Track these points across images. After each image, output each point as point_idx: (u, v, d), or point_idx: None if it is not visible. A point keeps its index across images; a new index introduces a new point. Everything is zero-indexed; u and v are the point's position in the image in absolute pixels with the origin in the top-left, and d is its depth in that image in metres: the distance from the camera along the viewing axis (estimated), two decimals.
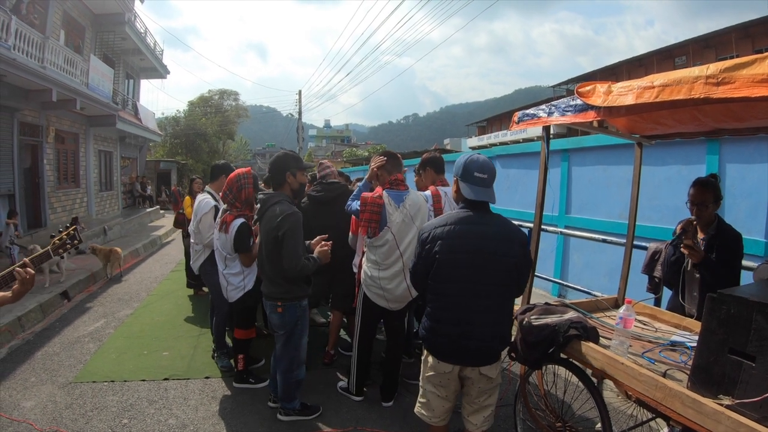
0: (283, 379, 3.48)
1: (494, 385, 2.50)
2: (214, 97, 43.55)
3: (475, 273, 2.34)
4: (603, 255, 6.18)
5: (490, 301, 2.36)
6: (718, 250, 2.88)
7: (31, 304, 6.22)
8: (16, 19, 8.98)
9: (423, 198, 3.72)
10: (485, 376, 2.42)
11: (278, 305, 3.32)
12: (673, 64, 27.31)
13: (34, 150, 11.76)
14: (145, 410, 3.75)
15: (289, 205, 3.25)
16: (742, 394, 1.70)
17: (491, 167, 2.45)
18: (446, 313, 2.40)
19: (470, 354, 2.38)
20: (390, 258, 3.49)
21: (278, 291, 3.32)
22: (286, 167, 3.37)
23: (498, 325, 2.41)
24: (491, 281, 2.35)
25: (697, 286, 2.98)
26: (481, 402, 2.49)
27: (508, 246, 2.36)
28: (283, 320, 3.35)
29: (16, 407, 3.77)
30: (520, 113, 3.03)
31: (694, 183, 3.05)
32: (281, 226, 3.14)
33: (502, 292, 2.39)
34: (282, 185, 3.40)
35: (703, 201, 2.97)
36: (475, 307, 2.35)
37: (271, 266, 3.30)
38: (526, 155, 8.31)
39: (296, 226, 3.19)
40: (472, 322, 2.35)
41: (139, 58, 19.13)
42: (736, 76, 1.70)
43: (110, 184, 17.87)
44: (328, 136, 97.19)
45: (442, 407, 2.53)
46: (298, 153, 33.96)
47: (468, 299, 2.35)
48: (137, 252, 11.44)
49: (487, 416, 2.52)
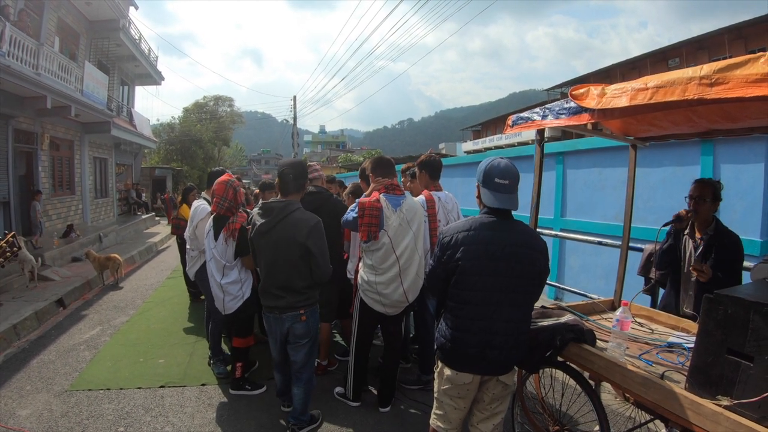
0: (305, 390, 3.40)
1: (508, 392, 2.46)
2: (209, 103, 43.61)
3: (499, 281, 2.27)
4: (599, 257, 6.19)
5: (514, 309, 2.30)
6: (716, 251, 2.92)
7: (26, 311, 6.19)
8: (11, 26, 8.95)
9: (419, 203, 3.72)
10: (502, 382, 2.39)
11: (301, 314, 3.24)
12: (666, 66, 27.48)
13: (29, 157, 11.69)
14: (141, 418, 3.73)
15: (310, 214, 3.25)
16: (741, 394, 1.70)
17: (514, 172, 2.34)
18: (470, 323, 2.31)
19: (492, 364, 2.32)
20: (386, 262, 3.48)
21: (299, 300, 3.23)
22: (305, 175, 3.40)
23: (521, 334, 2.36)
24: (515, 290, 2.29)
25: (693, 285, 3.00)
26: (493, 408, 2.44)
27: (532, 254, 2.31)
28: (308, 327, 3.29)
29: (11, 415, 3.74)
30: (515, 117, 3.03)
31: (695, 180, 3.12)
32: (312, 235, 3.13)
33: (525, 300, 2.36)
34: (298, 192, 3.35)
35: (701, 195, 3.02)
36: (498, 316, 2.28)
37: (297, 275, 3.21)
38: (521, 159, 8.30)
39: (323, 234, 3.22)
40: (496, 331, 2.28)
41: (133, 64, 19.11)
42: (730, 76, 1.71)
43: (105, 191, 17.80)
44: (324, 141, 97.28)
45: (459, 418, 2.49)
46: (293, 158, 34.02)
47: (492, 308, 2.28)
48: (133, 259, 11.40)
49: (497, 424, 2.47)
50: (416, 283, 3.58)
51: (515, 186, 2.35)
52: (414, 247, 3.53)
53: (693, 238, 3.13)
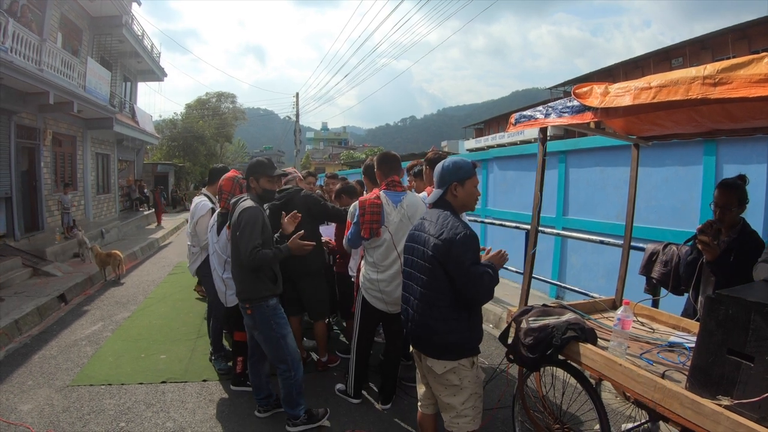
0: (283, 381, 3.41)
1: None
2: (212, 99, 43.57)
3: (415, 262, 2.59)
4: (600, 256, 6.18)
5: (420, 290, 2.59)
6: (737, 254, 2.78)
7: (28, 307, 6.21)
8: (14, 22, 8.96)
9: (421, 199, 3.72)
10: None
11: (246, 307, 3.33)
12: (669, 65, 27.37)
13: (31, 153, 11.72)
14: (142, 413, 3.74)
15: (249, 202, 3.31)
16: (741, 394, 1.70)
17: (442, 167, 2.61)
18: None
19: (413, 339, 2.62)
20: (388, 259, 3.48)
21: (245, 290, 3.33)
22: (250, 172, 3.44)
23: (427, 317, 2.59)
24: (420, 271, 2.57)
25: (712, 288, 2.90)
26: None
27: (429, 240, 2.54)
28: (254, 321, 3.35)
29: (13, 411, 3.76)
30: (517, 115, 3.02)
31: (718, 185, 2.97)
32: (239, 219, 3.21)
33: (423, 284, 2.59)
34: (249, 189, 3.48)
35: (727, 203, 2.87)
36: (411, 292, 2.60)
37: (234, 262, 3.38)
38: (523, 157, 8.32)
39: (252, 218, 3.20)
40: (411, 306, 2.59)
41: (136, 60, 19.14)
42: (734, 76, 1.70)
43: (107, 187, 17.85)
44: (326, 138, 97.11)
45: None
46: (296, 155, 33.56)
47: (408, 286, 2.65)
48: (135, 255, 11.42)
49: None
50: None
51: (436, 181, 2.62)
52: None
53: (717, 239, 3.01)
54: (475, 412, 2.52)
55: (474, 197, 2.63)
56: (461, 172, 2.55)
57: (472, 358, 2.50)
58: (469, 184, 2.56)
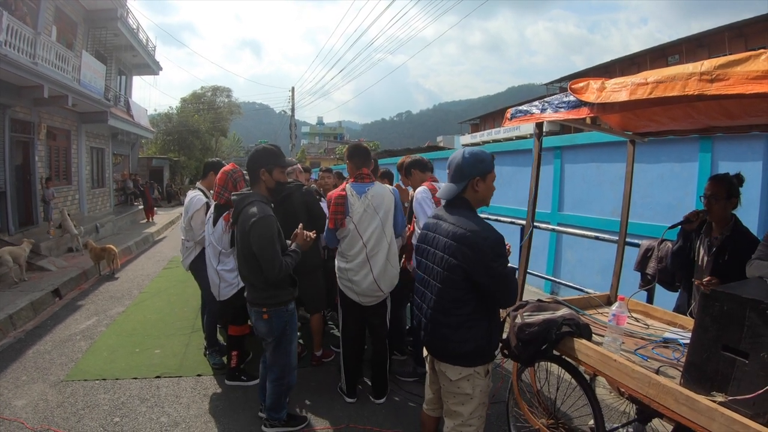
0: (273, 387, 3.29)
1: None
2: (207, 93, 43.38)
3: (429, 267, 2.48)
4: (596, 252, 6.19)
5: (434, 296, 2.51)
6: (731, 252, 2.81)
7: (22, 302, 6.18)
8: (8, 15, 8.88)
9: (389, 190, 3.74)
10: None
11: (263, 312, 3.10)
12: (666, 62, 27.40)
13: (26, 147, 11.63)
14: (136, 408, 3.73)
15: (262, 207, 3.00)
16: (735, 390, 1.70)
17: (454, 161, 2.44)
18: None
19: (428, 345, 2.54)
20: (354, 248, 3.57)
21: (262, 296, 3.10)
22: (260, 163, 3.12)
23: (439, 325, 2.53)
24: (435, 277, 2.49)
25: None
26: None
27: (454, 246, 2.41)
28: (270, 327, 3.14)
29: (7, 406, 3.74)
30: (513, 110, 3.02)
31: (709, 178, 3.02)
32: (252, 233, 2.93)
33: (438, 291, 2.52)
34: (256, 183, 3.16)
35: (714, 193, 2.90)
36: (423, 299, 2.50)
37: (250, 270, 3.09)
38: (519, 152, 8.31)
39: (268, 232, 2.94)
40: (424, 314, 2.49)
41: (131, 54, 18.99)
42: (731, 73, 1.70)
43: (102, 181, 17.74)
44: (321, 133, 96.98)
45: None
46: (291, 149, 33.27)
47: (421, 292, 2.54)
48: (129, 249, 11.38)
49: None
50: (388, 272, 3.62)
51: (453, 175, 2.42)
52: (381, 232, 3.58)
53: (708, 236, 3.02)
54: (480, 422, 2.47)
55: (491, 192, 2.46)
56: (482, 165, 2.37)
57: (487, 366, 2.42)
58: (490, 178, 2.41)
